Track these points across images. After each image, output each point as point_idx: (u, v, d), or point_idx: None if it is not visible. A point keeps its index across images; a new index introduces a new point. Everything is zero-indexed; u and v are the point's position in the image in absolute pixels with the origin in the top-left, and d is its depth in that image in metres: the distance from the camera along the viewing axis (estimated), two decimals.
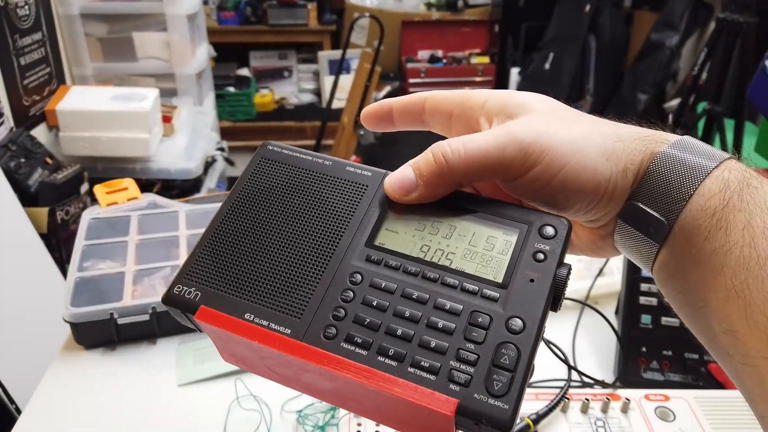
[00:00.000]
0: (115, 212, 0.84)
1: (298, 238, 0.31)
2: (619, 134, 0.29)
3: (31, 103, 1.96)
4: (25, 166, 1.73)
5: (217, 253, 0.32)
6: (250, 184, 0.33)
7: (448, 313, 0.28)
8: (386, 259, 0.30)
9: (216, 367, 0.65)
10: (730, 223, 0.26)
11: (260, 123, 3.45)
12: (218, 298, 0.30)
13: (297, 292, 0.30)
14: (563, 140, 0.29)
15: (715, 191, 0.27)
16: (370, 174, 0.33)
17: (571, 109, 0.32)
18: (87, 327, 0.66)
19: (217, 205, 0.88)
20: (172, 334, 0.70)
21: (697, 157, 0.28)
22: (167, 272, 0.73)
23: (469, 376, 0.26)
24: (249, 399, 0.61)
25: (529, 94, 0.32)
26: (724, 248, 0.26)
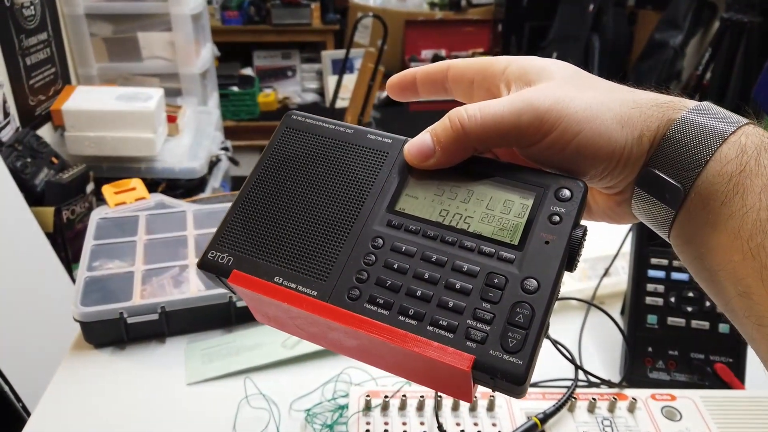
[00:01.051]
0: (123, 212, 0.85)
1: (322, 204, 0.33)
2: (636, 101, 0.29)
3: (36, 103, 1.97)
4: (31, 166, 1.74)
5: (247, 220, 0.33)
6: (276, 152, 0.35)
7: (465, 274, 0.29)
8: (406, 224, 0.31)
9: (225, 365, 0.66)
10: (746, 187, 0.26)
11: (264, 122, 3.46)
12: (249, 263, 0.32)
13: (322, 256, 0.31)
14: (579, 107, 0.29)
15: (732, 156, 0.27)
16: (391, 141, 0.34)
17: (591, 76, 0.32)
18: (96, 326, 0.67)
19: (225, 205, 0.89)
20: (181, 334, 0.71)
21: (715, 122, 0.28)
22: (176, 272, 0.74)
23: (485, 333, 0.27)
24: (258, 398, 0.62)
25: (549, 60, 0.32)
26: (740, 212, 0.26)
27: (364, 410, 0.52)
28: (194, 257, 0.76)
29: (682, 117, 0.29)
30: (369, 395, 0.53)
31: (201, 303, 0.69)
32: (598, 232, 1.01)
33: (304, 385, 0.63)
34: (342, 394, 0.62)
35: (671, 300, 0.62)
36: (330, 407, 0.61)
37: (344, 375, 0.64)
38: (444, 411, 0.52)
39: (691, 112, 0.29)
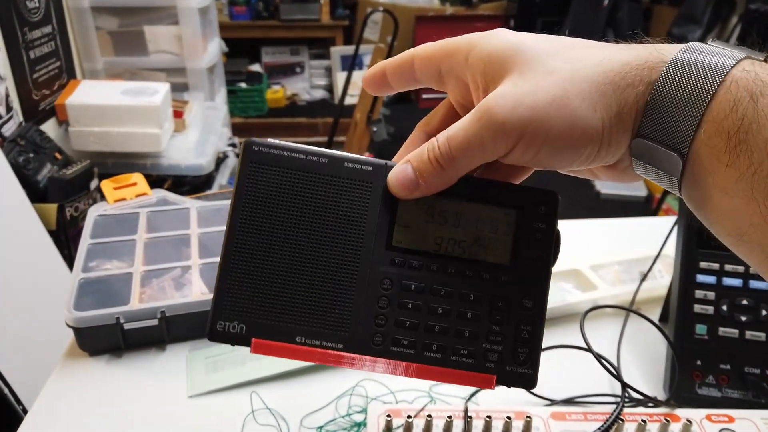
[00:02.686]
0: (123, 209, 0.80)
1: (318, 250, 0.31)
2: (607, 72, 0.27)
3: (41, 97, 1.92)
4: (34, 162, 1.69)
5: (244, 280, 0.31)
6: (248, 194, 0.31)
7: (473, 302, 0.32)
8: (408, 260, 0.32)
9: (229, 376, 0.60)
10: (750, 144, 0.24)
11: (272, 119, 3.41)
12: (264, 327, 0.31)
13: (336, 307, 0.31)
14: (542, 103, 0.27)
15: (726, 112, 0.25)
16: (371, 168, 0.32)
17: (558, 45, 0.28)
18: (91, 332, 0.61)
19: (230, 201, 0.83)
20: (182, 340, 0.66)
21: (700, 76, 0.25)
22: (177, 273, 0.69)
23: (500, 353, 0.31)
24: (265, 413, 0.56)
25: (512, 39, 0.29)
26: (749, 171, 0.24)
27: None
28: (198, 257, 0.71)
29: (662, 78, 0.26)
30: (390, 414, 0.47)
31: (204, 307, 0.64)
32: (632, 232, 0.95)
33: (315, 399, 0.58)
34: (357, 410, 0.57)
35: (723, 308, 0.56)
36: (344, 424, 0.55)
37: (359, 388, 0.59)
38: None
39: (671, 67, 0.26)
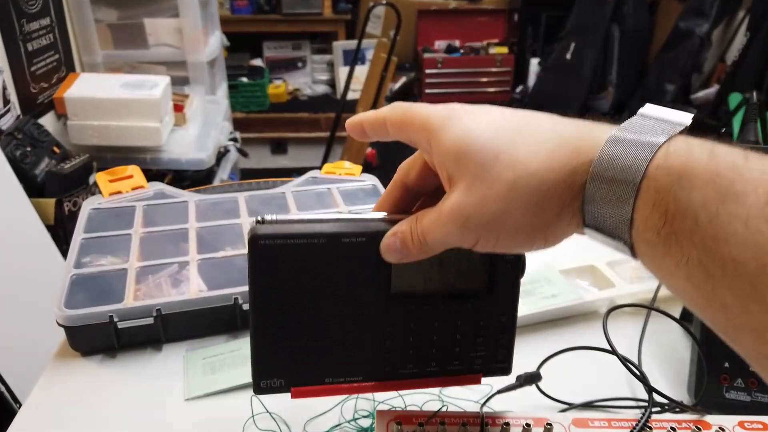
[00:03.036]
0: (118, 202, 0.77)
1: (330, 310, 0.38)
2: (544, 183, 0.29)
3: (39, 90, 1.89)
4: (32, 155, 1.66)
5: (273, 347, 0.39)
6: (261, 279, 0.37)
7: (460, 327, 0.41)
8: (405, 304, 0.40)
9: (229, 378, 0.57)
10: (678, 235, 0.26)
11: (274, 114, 3.38)
12: (298, 377, 0.40)
13: (352, 349, 0.40)
14: (488, 217, 0.31)
15: (649, 209, 0.27)
16: (365, 240, 0.37)
17: (505, 141, 0.31)
18: (83, 331, 0.58)
19: (230, 195, 0.80)
20: (179, 340, 0.63)
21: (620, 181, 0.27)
22: (174, 269, 0.66)
23: (484, 359, 0.42)
24: (266, 418, 0.53)
25: (464, 140, 0.31)
26: (683, 260, 0.26)
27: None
28: (196, 253, 0.68)
29: (589, 184, 0.29)
30: (400, 421, 0.44)
31: (202, 305, 0.61)
32: None
33: (319, 403, 0.54)
34: (364, 414, 0.53)
35: None
36: (350, 429, 0.52)
37: None
38: None
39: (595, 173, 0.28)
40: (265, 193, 0.81)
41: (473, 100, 2.80)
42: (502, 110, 0.33)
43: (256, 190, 0.82)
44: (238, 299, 0.61)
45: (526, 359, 0.55)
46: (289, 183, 0.84)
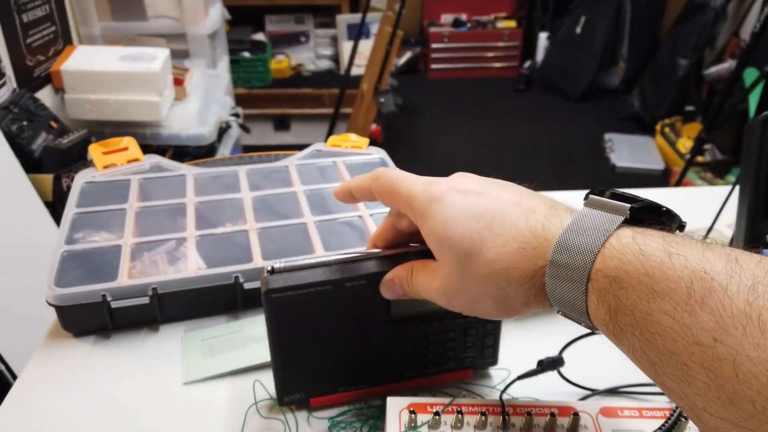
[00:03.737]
0: (112, 175, 0.73)
1: (339, 337, 0.46)
2: (511, 279, 0.34)
3: (35, 63, 1.84)
4: (28, 130, 1.62)
5: (292, 369, 0.46)
6: (277, 322, 0.43)
7: (452, 337, 0.49)
8: (405, 325, 0.47)
9: (229, 361, 0.54)
10: (623, 327, 0.29)
11: (276, 90, 3.32)
12: (315, 389, 0.48)
13: (360, 365, 0.48)
14: (466, 301, 0.37)
15: (596, 305, 0.31)
16: (365, 282, 0.43)
17: (483, 234, 0.35)
18: (75, 311, 0.55)
19: (231, 168, 0.76)
20: (177, 320, 0.59)
21: (571, 278, 0.31)
22: (171, 246, 0.62)
23: (473, 356, 0.50)
24: (270, 403, 0.50)
25: (445, 232, 0.36)
26: (631, 349, 0.29)
27: (408, 430, 0.40)
28: (194, 228, 0.64)
29: (548, 286, 0.33)
30: (413, 409, 0.41)
31: (201, 284, 0.57)
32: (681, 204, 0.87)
33: None
34: (375, 402, 0.50)
35: None
36: (359, 416, 0.49)
37: None
38: (513, 431, 0.40)
39: (550, 277, 0.32)
40: (267, 166, 0.77)
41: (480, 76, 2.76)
42: (477, 194, 0.36)
43: (257, 163, 0.78)
44: (239, 278, 0.58)
45: (548, 343, 0.52)
46: (292, 156, 0.80)
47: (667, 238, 0.30)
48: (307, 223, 0.66)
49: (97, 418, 0.49)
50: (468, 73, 3.96)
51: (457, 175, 0.40)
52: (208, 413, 0.50)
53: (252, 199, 0.70)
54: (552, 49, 3.79)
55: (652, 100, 3.22)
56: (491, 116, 3.47)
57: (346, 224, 0.67)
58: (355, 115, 2.84)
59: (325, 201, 0.71)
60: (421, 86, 3.90)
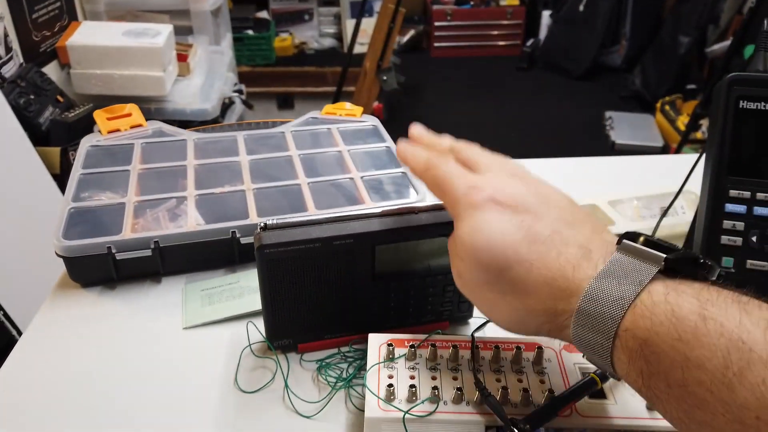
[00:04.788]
0: (116, 140, 0.76)
1: (326, 288, 0.49)
2: (531, 311, 0.34)
3: (41, 38, 1.87)
4: (36, 104, 1.66)
5: (281, 317, 0.50)
6: (269, 274, 0.47)
7: (431, 292, 0.52)
8: (388, 280, 0.50)
9: (226, 308, 0.58)
10: (657, 394, 0.28)
11: (280, 68, 3.33)
12: (303, 335, 0.52)
13: (344, 314, 0.51)
14: (472, 299, 0.39)
15: (626, 368, 0.30)
16: (353, 240, 0.46)
17: (520, 253, 0.34)
18: (82, 262, 0.59)
19: (229, 134, 0.79)
20: (178, 273, 0.63)
21: (597, 333, 0.30)
22: (172, 204, 0.65)
23: (450, 310, 0.54)
24: (263, 346, 0.54)
25: (479, 245, 0.35)
26: (666, 415, 0.29)
27: (386, 361, 0.44)
28: (194, 188, 0.67)
29: (573, 333, 0.32)
30: (391, 343, 0.44)
31: (200, 238, 0.61)
32: (653, 169, 0.91)
33: None
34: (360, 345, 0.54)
35: (752, 239, 0.52)
36: (345, 358, 0.53)
37: None
38: (482, 363, 0.44)
39: (576, 325, 0.32)
40: (264, 132, 0.81)
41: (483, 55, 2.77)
42: (514, 210, 0.36)
43: (255, 129, 0.81)
44: (236, 233, 0.61)
45: None
46: (288, 123, 0.83)
47: (701, 297, 0.28)
48: (301, 184, 0.69)
49: (104, 360, 0.53)
50: (471, 51, 3.96)
51: (506, 172, 0.39)
52: (206, 354, 0.54)
53: (249, 162, 0.73)
54: (555, 27, 3.78)
55: (653, 78, 3.22)
56: (493, 94, 3.48)
57: (338, 186, 0.70)
58: (357, 92, 2.86)
59: (318, 165, 0.74)
60: (423, 64, 3.90)
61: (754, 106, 0.51)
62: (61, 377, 0.51)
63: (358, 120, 0.85)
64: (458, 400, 0.41)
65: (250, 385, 0.50)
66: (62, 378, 0.51)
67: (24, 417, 0.47)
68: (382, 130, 0.82)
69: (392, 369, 0.43)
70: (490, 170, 0.39)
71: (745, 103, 0.51)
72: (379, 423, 0.40)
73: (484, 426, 0.40)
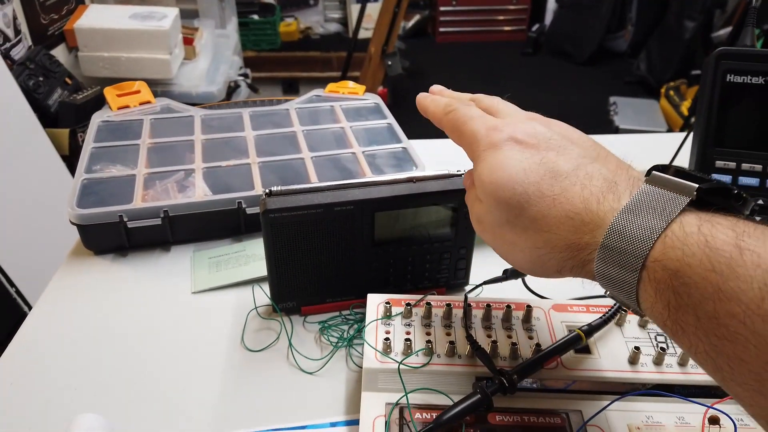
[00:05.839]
0: (126, 115, 0.79)
1: (328, 254, 0.52)
2: (554, 247, 0.33)
3: (49, 21, 1.89)
4: (44, 86, 1.68)
5: (285, 280, 0.52)
6: (274, 241, 0.49)
7: (430, 259, 0.55)
8: (387, 247, 0.53)
9: (233, 274, 0.60)
10: (684, 328, 0.27)
11: (285, 53, 3.35)
12: (306, 298, 0.54)
13: (345, 279, 0.54)
14: (493, 244, 0.38)
15: (652, 301, 0.28)
16: (353, 207, 0.49)
17: (525, 203, 0.34)
18: (95, 230, 0.61)
19: (235, 110, 0.82)
20: (186, 242, 0.66)
21: (622, 268, 0.29)
22: (181, 176, 0.68)
23: (447, 276, 0.57)
24: (268, 308, 0.57)
25: (500, 181, 0.34)
26: (692, 350, 0.27)
27: (384, 318, 0.46)
28: (201, 161, 0.70)
29: (597, 269, 0.31)
30: (389, 302, 0.47)
31: (207, 208, 0.63)
32: (648, 144, 0.92)
33: None
34: (361, 307, 0.56)
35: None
36: (346, 320, 0.55)
37: None
38: (474, 321, 0.46)
39: (599, 261, 0.31)
40: (269, 109, 0.83)
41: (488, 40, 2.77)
42: (535, 147, 0.35)
43: (260, 107, 0.84)
44: (242, 203, 0.64)
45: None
46: (292, 101, 0.86)
47: (737, 229, 0.26)
48: (305, 158, 0.72)
49: (116, 323, 0.56)
50: (476, 36, 3.96)
51: (525, 116, 0.38)
52: (214, 316, 0.57)
53: (254, 137, 0.76)
54: (560, 12, 3.77)
55: (658, 63, 3.21)
56: (498, 80, 3.49)
57: (340, 160, 0.72)
58: (362, 77, 2.87)
59: (321, 140, 0.76)
60: (428, 50, 3.90)
61: (740, 79, 0.53)
62: (77, 338, 0.54)
63: (361, 98, 0.87)
64: (451, 353, 0.43)
65: (255, 344, 0.53)
66: (78, 338, 0.54)
67: (41, 376, 0.50)
68: (384, 107, 0.84)
69: (389, 326, 0.46)
70: (510, 115, 0.39)
71: (732, 77, 0.53)
72: (376, 373, 0.42)
73: (475, 377, 0.42)
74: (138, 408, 0.47)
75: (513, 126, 0.36)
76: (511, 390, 0.39)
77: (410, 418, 0.40)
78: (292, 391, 0.48)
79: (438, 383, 0.42)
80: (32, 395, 0.48)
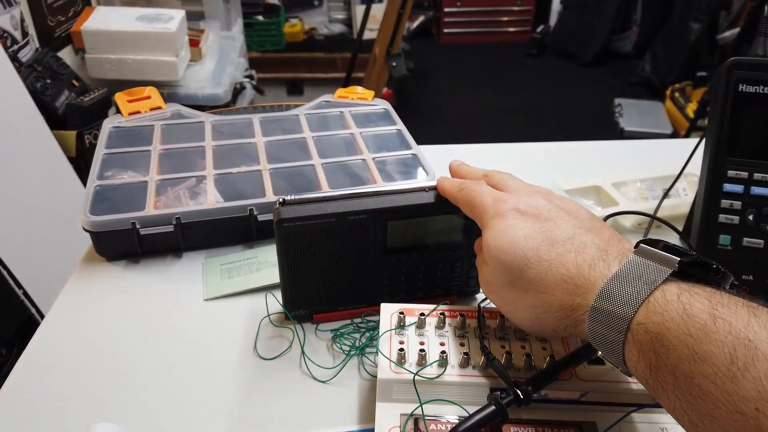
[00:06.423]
0: (137, 121, 0.79)
1: (340, 262, 0.52)
2: (548, 307, 0.37)
3: (56, 23, 1.90)
4: (52, 88, 1.69)
5: (298, 288, 0.53)
6: (287, 247, 0.50)
7: (442, 267, 0.55)
8: (399, 255, 0.53)
9: (245, 281, 0.61)
10: (663, 387, 0.30)
11: (290, 54, 3.35)
12: (318, 306, 0.55)
13: (358, 287, 0.54)
14: (497, 302, 0.43)
15: (636, 361, 0.32)
16: (366, 215, 0.49)
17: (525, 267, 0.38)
18: (108, 237, 0.62)
19: (245, 116, 0.82)
20: (198, 248, 0.66)
21: (610, 330, 0.33)
22: (192, 183, 0.68)
23: (459, 285, 0.57)
24: (281, 316, 0.57)
25: (502, 248, 0.39)
26: (671, 407, 0.30)
27: (397, 328, 0.47)
28: (212, 168, 0.70)
29: (588, 329, 0.35)
30: (402, 312, 0.47)
31: (219, 215, 0.64)
32: (656, 150, 0.92)
33: None
34: (374, 315, 0.57)
35: (749, 218, 0.54)
36: (358, 329, 0.55)
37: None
38: (488, 331, 0.46)
39: (590, 320, 0.34)
40: (278, 115, 0.83)
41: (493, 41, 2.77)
42: (535, 218, 0.40)
43: (269, 113, 0.84)
44: (253, 210, 0.64)
45: None
46: (302, 107, 0.86)
47: (713, 299, 0.30)
48: (315, 164, 0.72)
49: (129, 328, 0.57)
50: (481, 37, 3.95)
51: (530, 190, 0.43)
52: (226, 324, 0.57)
53: (264, 143, 0.76)
54: (565, 13, 3.76)
55: (663, 64, 3.21)
56: (502, 81, 3.49)
57: (350, 167, 0.73)
58: (367, 78, 2.87)
59: (331, 146, 0.76)
60: (433, 51, 3.90)
61: (753, 89, 0.53)
62: (91, 345, 0.55)
63: (370, 103, 0.87)
64: (465, 364, 0.43)
65: (268, 352, 0.53)
66: (91, 346, 0.54)
67: (53, 382, 0.51)
68: (393, 113, 0.85)
69: (403, 336, 0.46)
70: (516, 190, 0.44)
71: (745, 87, 0.53)
72: (390, 384, 0.43)
73: (489, 388, 0.42)
74: (152, 415, 0.47)
75: (517, 198, 0.41)
76: (525, 402, 0.40)
77: (425, 429, 0.40)
78: (305, 400, 0.49)
79: (452, 394, 0.43)
80: (47, 403, 0.48)
